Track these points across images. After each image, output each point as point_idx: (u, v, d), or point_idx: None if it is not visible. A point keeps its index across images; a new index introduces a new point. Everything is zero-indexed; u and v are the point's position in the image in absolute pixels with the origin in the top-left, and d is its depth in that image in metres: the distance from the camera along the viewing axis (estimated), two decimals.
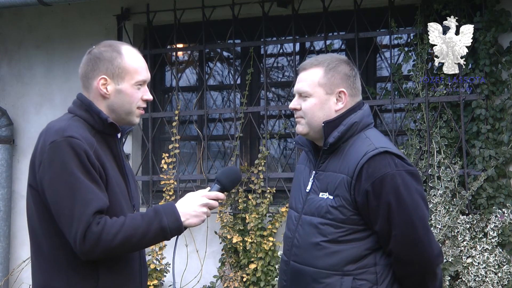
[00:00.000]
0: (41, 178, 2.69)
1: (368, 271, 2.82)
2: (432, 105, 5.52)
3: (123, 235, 2.65)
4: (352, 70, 2.97)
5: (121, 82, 2.80)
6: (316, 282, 2.84)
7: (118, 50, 2.81)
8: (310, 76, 2.94)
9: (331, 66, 2.93)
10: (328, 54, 3.04)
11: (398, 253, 2.80)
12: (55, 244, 2.72)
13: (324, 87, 2.92)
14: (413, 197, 2.80)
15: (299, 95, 2.96)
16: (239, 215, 5.95)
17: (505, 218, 5.19)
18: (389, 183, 2.77)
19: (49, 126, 2.77)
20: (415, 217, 2.79)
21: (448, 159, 5.41)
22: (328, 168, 2.90)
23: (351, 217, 2.82)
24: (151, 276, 6.09)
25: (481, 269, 5.17)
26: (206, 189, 2.87)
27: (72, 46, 6.57)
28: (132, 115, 2.84)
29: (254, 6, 6.04)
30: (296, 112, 2.96)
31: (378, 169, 2.78)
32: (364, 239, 2.83)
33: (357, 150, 2.85)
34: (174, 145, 6.24)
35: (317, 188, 2.90)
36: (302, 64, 2.98)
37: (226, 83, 6.56)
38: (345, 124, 2.89)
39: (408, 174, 2.81)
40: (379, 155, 2.81)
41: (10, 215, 6.77)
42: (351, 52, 5.82)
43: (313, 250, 2.85)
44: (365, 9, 5.78)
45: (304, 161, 3.06)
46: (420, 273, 2.85)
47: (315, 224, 2.85)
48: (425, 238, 2.81)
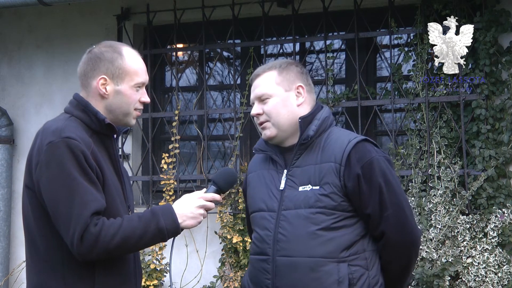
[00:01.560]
0: (38, 179, 2.68)
1: (359, 257, 2.91)
2: (432, 105, 5.52)
3: (120, 236, 2.65)
4: (303, 68, 3.09)
5: (120, 83, 2.80)
6: (313, 271, 2.87)
7: (119, 51, 2.82)
8: (266, 79, 3.03)
9: (283, 67, 3.04)
10: (277, 60, 3.17)
11: (390, 234, 2.91)
12: (51, 245, 2.72)
13: (282, 85, 3.01)
14: (396, 180, 2.95)
15: (258, 101, 3.03)
16: (239, 215, 5.95)
17: (505, 218, 5.19)
18: (377, 167, 2.90)
19: (46, 126, 2.76)
20: (402, 198, 2.94)
21: (448, 159, 5.41)
22: (304, 163, 2.97)
23: (341, 203, 2.90)
24: (151, 276, 6.09)
25: (481, 269, 5.17)
26: (202, 191, 2.88)
27: (72, 46, 6.57)
28: (129, 116, 2.84)
29: (254, 6, 6.04)
30: (259, 118, 3.02)
31: (365, 154, 2.92)
32: (354, 224, 2.92)
33: (337, 139, 2.96)
34: (174, 145, 6.24)
35: (295, 184, 2.96)
36: (254, 73, 3.07)
37: (226, 83, 6.56)
38: (319, 118, 3.00)
39: (386, 160, 2.96)
40: (361, 142, 2.94)
41: (10, 215, 6.77)
42: (351, 52, 5.82)
43: (307, 240, 2.89)
44: (365, 9, 5.77)
45: (261, 166, 3.11)
46: (408, 255, 2.97)
47: (305, 215, 2.90)
48: (412, 218, 2.95)
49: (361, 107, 5.72)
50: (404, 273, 3.02)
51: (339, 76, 6.16)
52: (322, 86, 5.95)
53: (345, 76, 6.12)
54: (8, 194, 6.74)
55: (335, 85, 5.95)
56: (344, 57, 6.12)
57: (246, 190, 3.17)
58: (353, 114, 5.77)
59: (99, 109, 2.80)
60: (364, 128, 5.74)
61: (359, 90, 5.74)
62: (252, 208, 3.09)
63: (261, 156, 3.13)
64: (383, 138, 6.06)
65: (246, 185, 3.17)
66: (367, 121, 5.76)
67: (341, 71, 6.19)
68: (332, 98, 5.79)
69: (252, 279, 3.03)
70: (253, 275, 3.03)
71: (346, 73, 6.13)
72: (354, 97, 5.78)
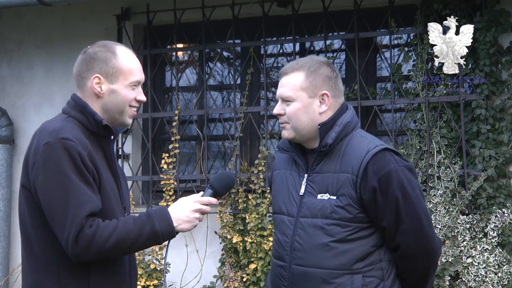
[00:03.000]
0: (34, 179, 2.69)
1: (375, 268, 2.87)
2: (432, 105, 5.52)
3: (115, 238, 2.65)
4: (333, 71, 2.98)
5: (115, 82, 2.80)
6: (326, 283, 2.85)
7: (113, 51, 2.82)
8: (292, 80, 2.94)
9: (312, 69, 2.94)
10: (309, 57, 3.04)
11: (406, 246, 2.85)
12: (46, 245, 2.72)
13: (306, 91, 2.93)
14: (415, 191, 2.87)
15: (282, 100, 2.97)
16: (239, 215, 5.95)
17: (505, 218, 5.19)
18: (395, 179, 2.83)
19: (43, 126, 2.77)
20: (420, 209, 2.86)
21: (448, 159, 5.41)
22: (324, 169, 2.92)
23: (357, 215, 2.85)
24: (151, 276, 6.10)
25: (481, 269, 5.17)
26: (198, 194, 2.87)
27: (72, 46, 6.56)
28: (125, 115, 2.84)
29: (254, 6, 6.03)
30: (280, 117, 2.97)
31: (383, 166, 2.84)
32: (370, 236, 2.87)
33: (356, 148, 2.88)
34: (174, 145, 6.24)
35: (314, 190, 2.91)
36: (283, 69, 2.99)
37: (226, 83, 6.56)
38: (340, 124, 2.92)
39: (407, 169, 2.88)
40: (381, 152, 2.86)
41: (10, 215, 6.77)
42: (351, 52, 5.82)
43: (320, 252, 2.86)
44: (365, 9, 5.77)
45: (285, 165, 3.06)
46: (425, 266, 2.92)
47: (320, 226, 2.86)
48: (430, 229, 2.88)
49: (361, 107, 5.72)
50: (422, 282, 2.97)
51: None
52: None
53: (345, 76, 6.12)
54: (8, 194, 6.75)
55: None
56: (344, 57, 6.12)
57: (271, 186, 3.14)
58: None
59: (96, 109, 2.80)
60: (364, 128, 5.73)
61: (359, 90, 5.74)
62: (274, 208, 3.08)
63: (285, 155, 3.08)
64: (383, 138, 6.05)
65: (272, 181, 3.14)
66: (367, 121, 5.76)
67: (341, 71, 6.19)
68: None
69: (273, 283, 3.04)
70: (273, 279, 3.03)
71: (346, 73, 6.13)
72: (354, 97, 5.78)
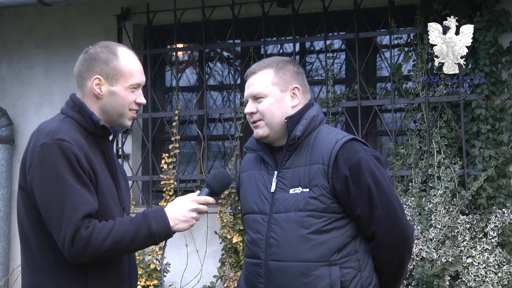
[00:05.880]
0: (31, 180, 2.69)
1: (351, 259, 2.90)
2: (432, 105, 5.52)
3: (112, 239, 2.65)
4: (300, 68, 3.05)
5: (115, 83, 2.79)
6: (305, 276, 2.87)
7: (114, 52, 2.81)
8: (262, 77, 2.99)
9: (280, 66, 3.00)
10: (273, 57, 3.09)
11: (381, 234, 2.88)
12: (44, 246, 2.72)
13: (278, 85, 2.97)
14: (386, 178, 2.91)
15: (253, 99, 3.00)
16: (239, 215, 5.95)
17: (505, 218, 5.19)
18: (365, 167, 2.87)
19: (40, 127, 2.76)
20: (392, 197, 2.91)
21: (448, 159, 5.41)
22: (294, 164, 2.95)
23: (330, 205, 2.88)
24: (151, 276, 6.10)
25: (481, 269, 5.17)
26: (195, 193, 2.86)
27: (72, 46, 6.56)
28: (124, 118, 2.83)
29: (254, 6, 6.03)
30: (253, 116, 2.99)
31: (353, 155, 2.88)
32: (344, 226, 2.90)
33: (325, 140, 2.93)
34: (174, 145, 6.24)
35: (286, 186, 2.94)
36: (250, 69, 3.03)
37: (226, 83, 6.57)
38: (306, 118, 2.96)
39: (375, 158, 2.92)
40: (349, 141, 2.91)
41: (10, 215, 6.77)
42: (351, 52, 5.82)
43: (298, 245, 2.88)
44: (365, 9, 5.77)
45: (253, 166, 3.09)
46: (401, 253, 2.94)
47: (295, 219, 2.89)
48: (403, 216, 2.92)
49: (361, 107, 5.72)
50: (399, 271, 2.99)
51: (339, 76, 6.16)
52: (322, 86, 5.95)
53: (345, 76, 6.12)
54: (8, 194, 6.75)
55: (335, 85, 5.95)
56: (344, 57, 6.12)
57: (239, 189, 3.16)
58: (353, 114, 5.77)
59: (94, 110, 2.79)
60: (364, 128, 5.74)
61: (359, 90, 5.74)
62: (244, 209, 3.08)
63: (253, 155, 3.11)
64: (383, 138, 6.06)
65: (240, 184, 3.15)
66: (367, 121, 5.76)
67: (341, 71, 6.19)
68: (332, 98, 5.79)
69: (247, 283, 3.03)
70: (247, 278, 3.03)
71: (346, 73, 6.13)
72: (354, 97, 5.78)
